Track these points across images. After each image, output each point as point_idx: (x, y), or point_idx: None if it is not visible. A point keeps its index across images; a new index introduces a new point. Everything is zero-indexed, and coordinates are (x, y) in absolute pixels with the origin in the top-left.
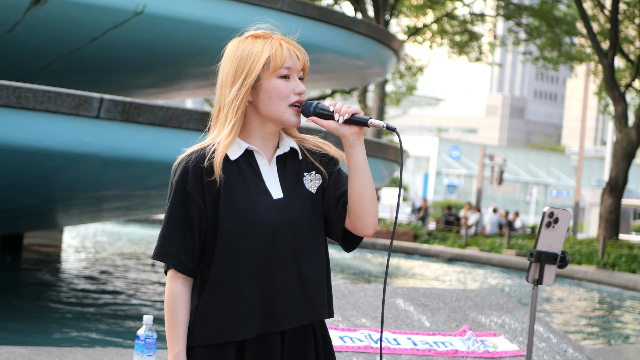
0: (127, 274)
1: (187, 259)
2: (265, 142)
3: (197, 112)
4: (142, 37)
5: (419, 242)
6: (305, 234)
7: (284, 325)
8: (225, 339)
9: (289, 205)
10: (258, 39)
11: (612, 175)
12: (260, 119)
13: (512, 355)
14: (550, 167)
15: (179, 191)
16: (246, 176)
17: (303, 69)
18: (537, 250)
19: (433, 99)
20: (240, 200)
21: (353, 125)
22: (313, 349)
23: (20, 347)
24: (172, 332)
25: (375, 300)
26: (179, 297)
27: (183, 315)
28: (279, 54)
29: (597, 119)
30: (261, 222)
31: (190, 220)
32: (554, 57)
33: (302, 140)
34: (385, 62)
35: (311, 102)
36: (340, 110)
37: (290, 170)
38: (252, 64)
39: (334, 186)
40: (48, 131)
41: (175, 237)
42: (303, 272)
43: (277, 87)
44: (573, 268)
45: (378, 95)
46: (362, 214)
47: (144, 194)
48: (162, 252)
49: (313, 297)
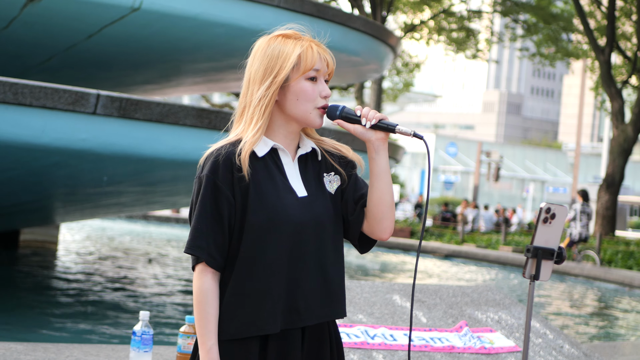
0: (123, 270)
1: (217, 253)
2: (288, 141)
3: (194, 109)
4: (139, 33)
5: (415, 238)
6: (328, 233)
7: (306, 322)
8: (251, 334)
9: (313, 204)
10: (289, 39)
11: (608, 171)
12: (284, 118)
13: (509, 351)
14: (547, 163)
15: (210, 185)
16: (273, 173)
17: (329, 73)
18: (534, 245)
19: (430, 96)
20: (268, 196)
21: (379, 131)
22: (328, 345)
23: (16, 343)
24: (204, 326)
25: (372, 296)
26: (210, 292)
27: (214, 309)
28: (310, 56)
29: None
30: (288, 219)
31: (220, 214)
32: (551, 53)
33: (320, 141)
34: (382, 58)
35: (337, 105)
36: (368, 115)
37: (312, 170)
38: (282, 63)
39: (352, 189)
40: (45, 127)
41: (207, 231)
42: (325, 269)
43: (305, 89)
44: (570, 264)
45: (375, 91)
46: (381, 217)
47: (141, 190)
48: (195, 246)
49: (334, 294)
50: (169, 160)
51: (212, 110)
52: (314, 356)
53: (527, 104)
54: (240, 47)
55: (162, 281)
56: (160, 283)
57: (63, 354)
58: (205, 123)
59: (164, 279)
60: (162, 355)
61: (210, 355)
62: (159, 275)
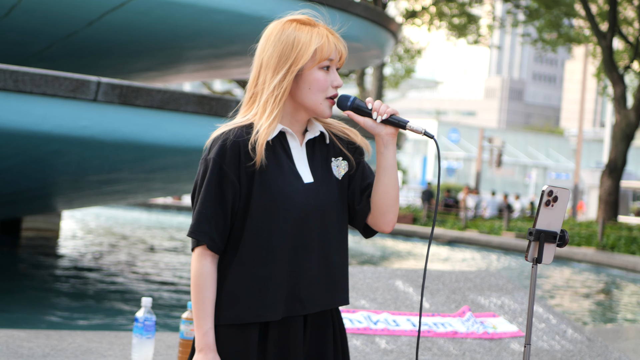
0: (125, 258)
1: (219, 237)
2: (296, 127)
3: (195, 95)
4: (139, 20)
5: (418, 224)
6: (332, 220)
7: (308, 310)
8: (251, 320)
9: (319, 190)
10: (304, 25)
11: (611, 157)
12: (294, 105)
13: (512, 335)
14: (549, 149)
15: (216, 168)
16: (280, 158)
17: (341, 62)
18: (536, 228)
19: (431, 82)
20: (274, 182)
21: (389, 126)
22: (331, 332)
23: (19, 330)
24: (201, 309)
25: (374, 282)
26: (209, 275)
27: (211, 293)
28: (326, 46)
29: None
30: (292, 205)
31: (224, 198)
32: (553, 38)
33: (328, 124)
34: (384, 44)
35: (348, 95)
36: (379, 110)
37: (319, 155)
38: (299, 52)
39: (360, 177)
40: (45, 114)
41: (210, 214)
42: (329, 257)
43: (318, 79)
44: (572, 250)
45: (376, 78)
46: (385, 211)
47: (143, 177)
48: (198, 230)
49: (337, 282)
50: (170, 147)
51: (213, 97)
52: (316, 343)
53: (529, 90)
54: (241, 33)
55: (163, 268)
56: (162, 270)
57: (66, 341)
58: (206, 110)
59: (166, 265)
60: (165, 342)
61: (206, 339)
62: (160, 262)
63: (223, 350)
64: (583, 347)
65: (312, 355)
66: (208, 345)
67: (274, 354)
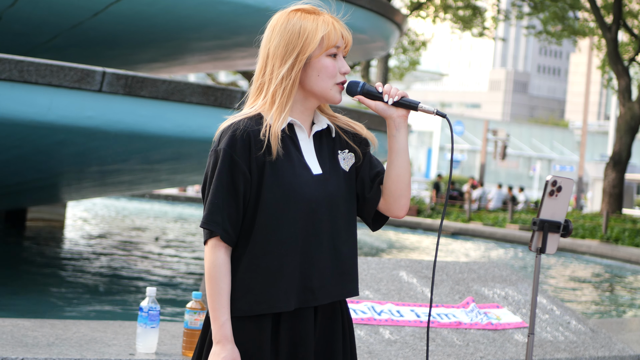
0: (130, 248)
1: (232, 228)
2: (304, 117)
3: (200, 86)
4: (144, 10)
5: (422, 216)
6: (341, 211)
7: (320, 301)
8: (264, 311)
9: (327, 182)
10: (309, 14)
11: (615, 149)
12: (304, 94)
13: (515, 326)
14: (554, 142)
15: (227, 159)
16: (289, 149)
17: (347, 49)
18: (540, 218)
19: (436, 74)
20: (284, 172)
21: (401, 108)
22: (340, 322)
23: (24, 320)
24: (217, 301)
25: (378, 272)
26: (223, 266)
27: (226, 284)
28: (333, 33)
29: (601, 93)
30: (303, 196)
31: (236, 189)
32: (558, 31)
33: (334, 118)
34: (388, 36)
35: (357, 81)
36: (390, 92)
37: (326, 147)
38: (306, 40)
39: (368, 167)
40: (50, 105)
41: (222, 205)
42: (338, 248)
43: (326, 66)
44: (577, 242)
45: (381, 70)
46: (399, 195)
47: (148, 168)
48: (211, 221)
49: (347, 273)
50: (175, 138)
51: (218, 87)
52: (325, 333)
53: (533, 82)
54: (246, 24)
55: (168, 258)
56: (167, 260)
57: (70, 330)
58: (211, 100)
59: (170, 255)
60: (169, 331)
61: (223, 330)
62: (165, 252)
63: (236, 342)
64: (587, 338)
65: (321, 345)
66: (226, 337)
67: (287, 345)
